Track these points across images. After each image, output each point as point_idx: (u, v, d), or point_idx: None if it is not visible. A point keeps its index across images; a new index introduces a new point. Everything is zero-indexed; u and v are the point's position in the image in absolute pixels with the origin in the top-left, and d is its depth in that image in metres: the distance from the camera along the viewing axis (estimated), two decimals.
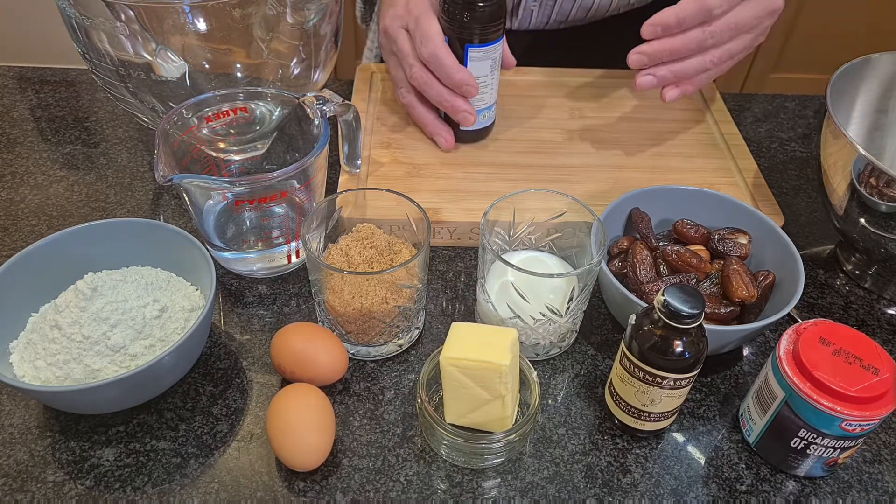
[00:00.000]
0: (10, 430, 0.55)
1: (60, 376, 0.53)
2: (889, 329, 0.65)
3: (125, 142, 0.82)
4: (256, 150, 0.71)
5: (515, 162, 0.76)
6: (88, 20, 0.64)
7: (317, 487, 0.52)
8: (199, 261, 0.58)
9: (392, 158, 0.76)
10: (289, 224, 0.65)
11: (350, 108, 0.65)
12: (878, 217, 0.61)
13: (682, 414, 0.58)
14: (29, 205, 0.73)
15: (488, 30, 0.69)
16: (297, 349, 0.55)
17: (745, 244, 0.63)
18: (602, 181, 0.74)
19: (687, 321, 0.47)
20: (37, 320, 0.57)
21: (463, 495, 0.52)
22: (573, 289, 0.57)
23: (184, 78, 0.69)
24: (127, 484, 0.52)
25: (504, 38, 0.72)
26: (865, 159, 0.58)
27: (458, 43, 0.70)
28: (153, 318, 0.56)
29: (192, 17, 0.65)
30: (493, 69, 0.72)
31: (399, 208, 0.60)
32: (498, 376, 0.49)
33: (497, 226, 0.62)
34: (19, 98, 0.87)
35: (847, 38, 2.00)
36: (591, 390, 0.59)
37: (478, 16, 0.68)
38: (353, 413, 0.57)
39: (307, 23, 0.71)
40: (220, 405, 0.57)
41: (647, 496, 0.53)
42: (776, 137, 0.87)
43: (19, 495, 0.51)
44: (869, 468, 0.55)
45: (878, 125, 0.73)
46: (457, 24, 0.69)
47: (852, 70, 0.68)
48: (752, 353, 0.63)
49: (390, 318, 0.57)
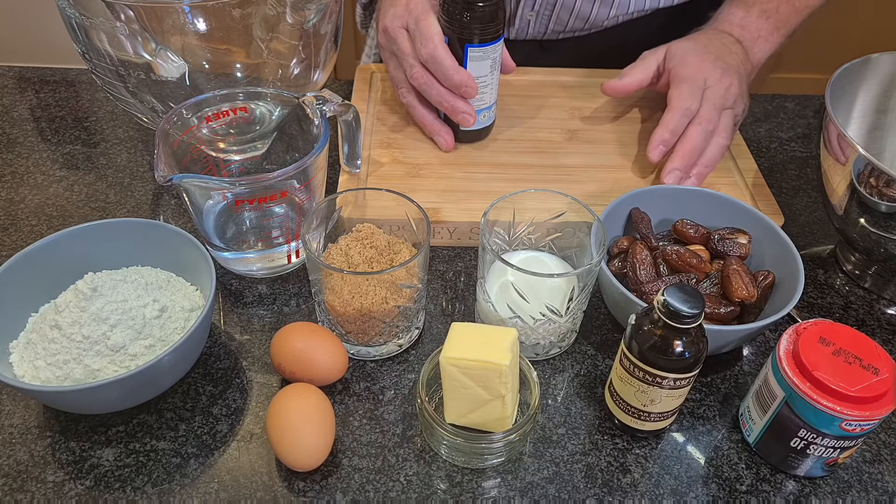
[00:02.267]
0: (10, 430, 0.55)
1: (60, 376, 0.53)
2: (889, 329, 0.65)
3: (125, 142, 0.82)
4: (256, 150, 0.71)
5: (515, 162, 0.76)
6: (88, 20, 0.64)
7: (317, 487, 0.52)
8: (199, 261, 0.58)
9: (392, 158, 0.76)
10: (289, 224, 0.65)
11: (350, 108, 0.65)
12: (878, 217, 0.61)
13: (682, 414, 0.58)
14: (29, 205, 0.73)
15: (488, 30, 0.69)
16: (296, 349, 0.55)
17: (745, 244, 0.63)
18: (602, 181, 0.74)
19: (687, 321, 0.47)
20: (36, 320, 0.57)
21: (463, 495, 0.52)
22: (573, 289, 0.57)
23: (183, 78, 0.69)
24: (127, 484, 0.52)
25: (503, 39, 0.72)
26: (865, 159, 0.58)
27: (457, 43, 0.70)
28: (153, 318, 0.56)
29: (192, 17, 0.65)
30: (492, 69, 0.72)
31: (399, 208, 0.60)
32: (498, 376, 0.49)
33: (497, 226, 0.62)
34: (19, 98, 0.87)
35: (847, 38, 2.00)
36: (591, 390, 0.59)
37: (477, 15, 0.68)
38: (353, 413, 0.57)
39: (307, 23, 0.71)
40: (219, 405, 0.57)
41: (647, 496, 0.53)
42: (776, 137, 0.87)
43: (19, 495, 0.51)
44: (869, 468, 0.55)
45: (878, 125, 0.73)
46: (456, 24, 0.69)
47: (852, 70, 0.68)
48: (752, 353, 0.63)
49: (390, 318, 0.57)
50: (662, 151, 0.72)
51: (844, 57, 0.69)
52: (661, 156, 0.72)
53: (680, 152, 0.70)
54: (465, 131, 0.76)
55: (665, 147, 0.72)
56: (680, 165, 0.70)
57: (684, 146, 0.70)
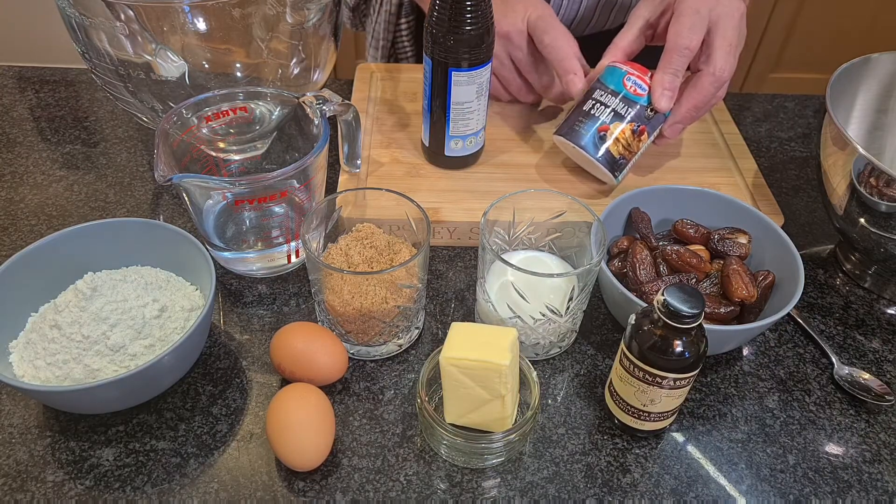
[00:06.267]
0: (10, 430, 0.55)
1: (60, 376, 0.53)
2: (889, 329, 0.65)
3: (125, 141, 0.82)
4: (256, 150, 0.71)
5: (515, 162, 0.76)
6: (88, 20, 0.64)
7: (316, 487, 0.52)
8: (199, 261, 0.58)
9: (392, 158, 0.76)
10: (288, 224, 0.65)
11: (350, 107, 0.65)
12: (878, 217, 0.61)
13: (682, 414, 0.58)
14: (28, 204, 0.73)
15: (474, 54, 0.65)
16: (296, 349, 0.55)
17: (745, 244, 0.63)
18: (602, 181, 0.74)
19: (687, 321, 0.47)
20: (36, 320, 0.57)
21: (463, 495, 0.52)
22: (573, 289, 0.57)
23: (183, 77, 0.69)
24: (127, 484, 0.52)
25: (492, 63, 0.68)
26: (865, 159, 0.58)
27: (441, 67, 0.66)
28: (153, 318, 0.56)
29: (191, 17, 0.65)
30: (479, 95, 0.68)
31: (399, 208, 0.60)
32: (498, 376, 0.49)
33: (497, 225, 0.62)
34: (19, 98, 0.87)
35: (847, 38, 2.00)
36: (591, 390, 0.59)
37: (463, 39, 0.64)
38: (353, 413, 0.57)
39: (307, 22, 0.71)
40: (219, 405, 0.57)
41: (647, 496, 0.53)
42: (776, 137, 0.87)
43: (19, 495, 0.51)
44: (869, 468, 0.55)
45: (878, 125, 0.73)
46: (440, 48, 0.65)
47: (852, 70, 0.68)
48: (752, 353, 0.63)
49: (390, 318, 0.57)
50: (672, 98, 0.68)
51: (844, 57, 0.69)
52: (671, 103, 0.68)
53: (688, 104, 0.68)
54: (452, 158, 0.73)
55: (674, 94, 0.68)
56: (688, 120, 0.69)
57: (696, 98, 0.68)
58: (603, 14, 0.90)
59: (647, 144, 0.70)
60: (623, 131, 0.68)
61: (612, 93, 0.68)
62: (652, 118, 0.68)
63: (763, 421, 0.58)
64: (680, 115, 0.69)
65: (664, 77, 0.67)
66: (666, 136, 0.70)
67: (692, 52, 0.67)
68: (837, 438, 0.57)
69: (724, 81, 0.68)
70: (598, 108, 0.69)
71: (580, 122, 0.69)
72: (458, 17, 0.63)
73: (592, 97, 0.69)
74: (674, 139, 0.71)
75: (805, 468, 0.55)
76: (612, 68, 0.70)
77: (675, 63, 0.67)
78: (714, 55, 0.67)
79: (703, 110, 0.69)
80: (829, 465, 0.55)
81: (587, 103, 0.70)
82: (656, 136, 0.70)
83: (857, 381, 0.60)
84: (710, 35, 0.67)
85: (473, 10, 0.63)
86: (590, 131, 0.68)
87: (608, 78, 0.69)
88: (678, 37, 0.66)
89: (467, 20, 0.63)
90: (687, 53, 0.67)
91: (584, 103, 0.70)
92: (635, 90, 0.68)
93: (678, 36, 0.66)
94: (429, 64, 0.68)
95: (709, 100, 0.68)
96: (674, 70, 0.67)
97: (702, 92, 0.68)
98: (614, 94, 0.68)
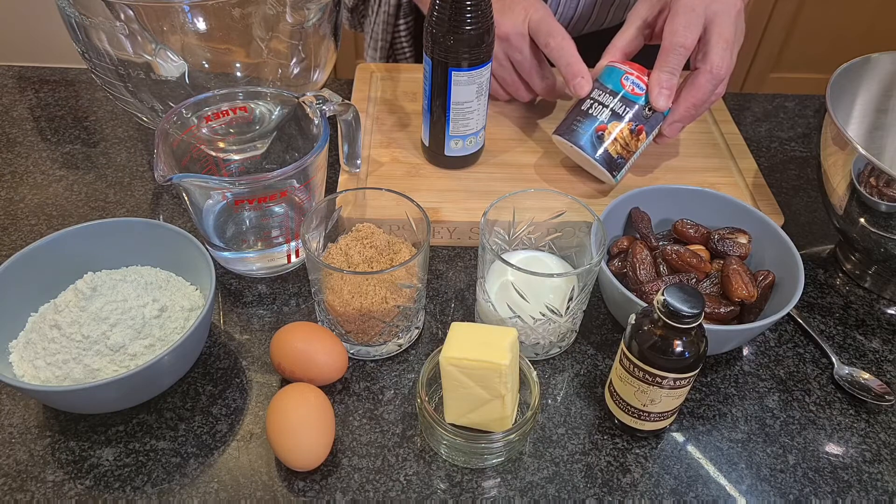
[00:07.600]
0: (10, 430, 0.55)
1: (60, 376, 0.53)
2: (889, 329, 0.65)
3: (125, 141, 0.82)
4: (256, 150, 0.71)
5: (515, 162, 0.76)
6: (88, 20, 0.64)
7: (316, 487, 0.52)
8: (199, 260, 0.58)
9: (392, 158, 0.76)
10: (288, 224, 0.65)
11: (350, 107, 0.65)
12: (878, 217, 0.61)
13: (682, 414, 0.58)
14: (28, 204, 0.73)
15: (474, 54, 0.65)
16: (296, 349, 0.55)
17: (745, 244, 0.63)
18: (601, 181, 0.74)
19: (687, 321, 0.47)
20: (36, 320, 0.57)
21: (463, 495, 0.52)
22: (573, 288, 0.57)
23: (183, 77, 0.69)
24: (126, 484, 0.52)
25: (491, 63, 0.68)
26: (865, 159, 0.58)
27: (441, 67, 0.66)
28: (153, 318, 0.56)
29: (191, 17, 0.65)
30: (479, 95, 0.68)
31: (399, 208, 0.60)
32: (498, 376, 0.49)
33: (497, 225, 0.62)
34: (19, 97, 0.87)
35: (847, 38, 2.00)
36: (591, 390, 0.59)
37: (463, 39, 0.64)
38: (353, 413, 0.57)
39: (307, 22, 0.71)
40: (219, 405, 0.57)
41: (647, 496, 0.53)
42: (776, 137, 0.87)
43: (19, 495, 0.51)
44: (869, 468, 0.55)
45: (878, 125, 0.73)
46: (440, 48, 0.65)
47: (852, 70, 0.68)
48: (752, 353, 0.63)
49: (390, 318, 0.57)
50: (669, 97, 0.68)
51: (844, 57, 0.69)
52: (669, 102, 0.68)
53: (686, 103, 0.68)
54: (452, 158, 0.73)
55: (671, 93, 0.68)
56: (687, 118, 0.68)
57: (694, 96, 0.67)
58: (601, 11, 0.90)
59: (645, 144, 0.70)
60: (621, 131, 0.68)
61: (610, 93, 0.69)
62: (650, 117, 0.68)
63: (763, 421, 0.58)
64: (679, 113, 0.69)
65: (661, 76, 0.67)
66: (665, 135, 0.70)
67: (688, 50, 0.67)
68: (837, 438, 0.57)
69: (722, 79, 0.68)
70: (596, 108, 0.69)
71: (578, 122, 0.69)
72: (458, 17, 0.63)
73: (591, 97, 0.70)
74: (673, 138, 0.71)
75: (805, 468, 0.55)
76: (610, 68, 0.70)
77: (672, 61, 0.67)
78: (711, 52, 0.66)
79: (702, 108, 0.69)
80: (829, 465, 0.55)
81: (585, 103, 0.70)
82: (656, 135, 0.70)
83: (857, 381, 0.60)
84: (706, 32, 0.67)
85: (473, 10, 0.63)
86: (588, 131, 0.68)
87: (606, 78, 0.69)
88: (674, 35, 0.66)
89: (467, 20, 0.63)
90: (683, 51, 0.66)
91: (582, 103, 0.70)
92: (634, 90, 0.68)
93: (673, 34, 0.66)
94: (429, 64, 0.67)
95: (707, 97, 0.68)
96: (670, 68, 0.67)
97: (700, 90, 0.67)
98: (613, 94, 0.68)
